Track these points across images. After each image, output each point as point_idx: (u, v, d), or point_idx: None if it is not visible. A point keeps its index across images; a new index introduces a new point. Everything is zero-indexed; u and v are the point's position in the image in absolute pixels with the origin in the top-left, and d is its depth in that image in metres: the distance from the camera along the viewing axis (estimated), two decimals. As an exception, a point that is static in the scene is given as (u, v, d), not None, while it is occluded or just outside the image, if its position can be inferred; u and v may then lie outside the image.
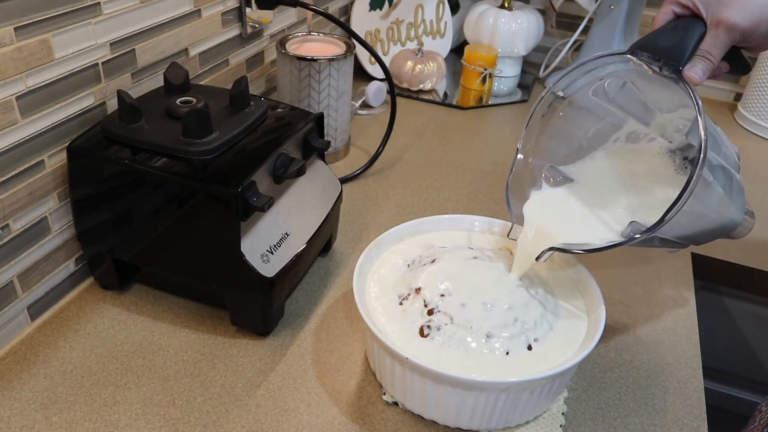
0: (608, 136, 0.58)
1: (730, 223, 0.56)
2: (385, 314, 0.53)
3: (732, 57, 0.53)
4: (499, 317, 0.51)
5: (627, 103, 0.57)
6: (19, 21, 0.51)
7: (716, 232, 0.56)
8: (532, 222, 0.56)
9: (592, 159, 0.59)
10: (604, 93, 0.56)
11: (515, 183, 0.58)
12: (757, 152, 1.05)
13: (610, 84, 0.55)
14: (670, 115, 0.56)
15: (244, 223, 0.54)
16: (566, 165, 0.59)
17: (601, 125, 0.58)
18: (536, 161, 0.58)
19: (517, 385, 0.46)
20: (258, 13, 0.82)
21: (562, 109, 0.57)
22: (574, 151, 0.59)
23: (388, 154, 0.92)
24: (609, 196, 0.56)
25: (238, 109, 0.60)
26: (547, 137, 0.58)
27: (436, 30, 1.23)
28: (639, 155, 0.57)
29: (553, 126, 0.57)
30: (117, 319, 0.61)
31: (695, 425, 0.54)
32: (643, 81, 0.54)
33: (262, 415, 0.52)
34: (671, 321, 0.66)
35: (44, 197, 0.58)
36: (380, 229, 0.68)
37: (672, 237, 0.51)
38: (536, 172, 0.58)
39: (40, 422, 0.50)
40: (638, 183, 0.56)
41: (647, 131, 0.57)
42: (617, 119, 0.58)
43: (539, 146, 0.58)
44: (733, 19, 0.49)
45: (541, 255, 0.53)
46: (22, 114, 0.53)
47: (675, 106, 0.55)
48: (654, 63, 0.49)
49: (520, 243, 0.55)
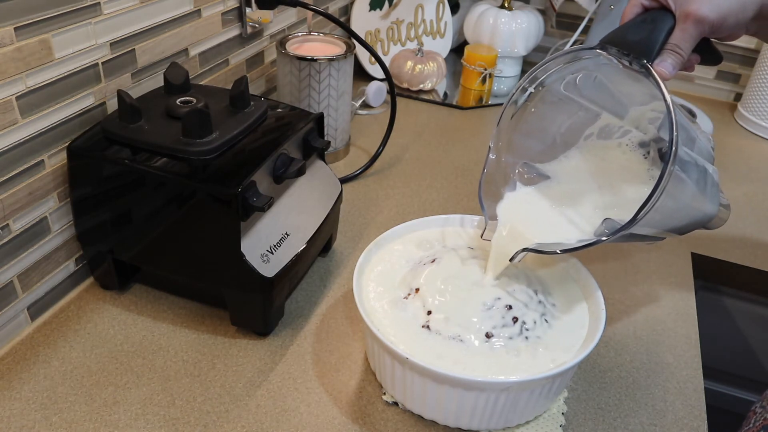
0: (582, 130, 0.58)
1: (704, 217, 0.55)
2: (384, 314, 0.53)
3: (703, 48, 0.52)
4: (499, 317, 0.51)
5: (599, 97, 0.56)
6: (19, 21, 0.51)
7: (691, 225, 0.55)
8: (506, 222, 0.55)
9: (567, 158, 0.58)
10: (575, 88, 0.55)
11: (488, 183, 0.57)
12: (757, 152, 1.05)
13: (581, 78, 0.55)
14: (643, 107, 0.55)
15: (244, 223, 0.54)
16: (540, 162, 0.58)
17: (574, 119, 0.58)
18: (510, 159, 0.58)
19: (517, 385, 0.46)
20: (258, 13, 0.82)
21: (534, 105, 0.56)
22: (548, 147, 0.58)
23: (388, 154, 0.92)
24: (583, 195, 0.56)
25: (238, 109, 0.60)
26: (520, 134, 0.57)
27: (436, 30, 1.23)
28: (612, 152, 0.57)
29: (526, 122, 0.57)
30: (117, 319, 0.61)
31: (695, 425, 0.54)
32: (614, 75, 0.54)
33: (262, 415, 0.52)
34: (671, 321, 0.66)
35: (44, 197, 0.58)
36: (380, 229, 0.68)
37: (647, 233, 0.51)
38: (509, 170, 0.58)
39: (40, 422, 0.50)
40: (612, 181, 0.56)
41: (621, 124, 0.56)
42: (590, 113, 0.57)
43: (512, 144, 0.57)
44: (702, 11, 0.48)
45: (515, 256, 0.52)
46: (22, 114, 0.53)
47: (647, 98, 0.54)
48: (624, 57, 0.49)
49: (494, 243, 0.55)
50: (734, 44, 1.16)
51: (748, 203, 0.89)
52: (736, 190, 0.92)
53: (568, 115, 0.58)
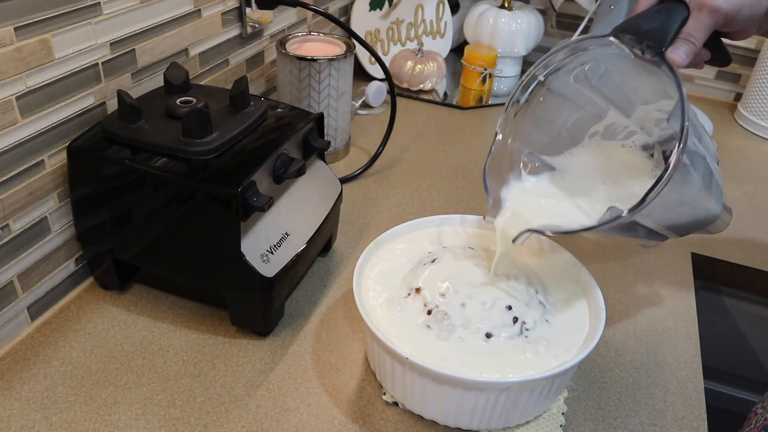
0: (588, 127, 0.58)
1: (709, 215, 0.55)
2: (384, 314, 0.53)
3: (713, 46, 0.53)
4: (499, 317, 0.51)
5: (608, 91, 0.56)
6: (19, 21, 0.51)
7: (695, 223, 0.55)
8: (510, 207, 0.55)
9: (571, 155, 0.58)
10: (585, 79, 0.55)
11: (494, 167, 0.57)
12: (757, 152, 1.05)
13: (590, 69, 0.55)
14: (649, 107, 0.55)
15: (244, 223, 0.54)
16: (545, 154, 0.58)
17: (580, 114, 0.58)
18: (516, 146, 0.57)
19: (517, 385, 0.46)
20: (258, 13, 0.82)
21: (543, 94, 0.56)
22: (553, 141, 0.58)
23: (388, 154, 0.92)
24: (588, 188, 0.56)
25: (238, 109, 0.60)
26: (528, 123, 0.57)
27: (436, 30, 1.23)
28: (617, 150, 0.57)
29: (533, 112, 0.57)
30: (117, 319, 0.61)
31: (695, 425, 0.54)
32: (624, 67, 0.54)
33: (262, 415, 0.52)
34: (671, 321, 0.66)
35: (44, 197, 0.58)
36: (380, 229, 0.68)
37: (650, 224, 0.51)
38: (515, 157, 0.58)
39: (40, 422, 0.50)
40: (617, 177, 0.56)
41: (627, 123, 0.57)
42: (597, 109, 0.57)
43: (519, 131, 0.57)
44: (716, 1, 0.49)
45: (518, 237, 0.52)
46: (22, 114, 0.53)
47: (655, 96, 0.54)
48: (636, 46, 0.49)
49: (498, 225, 0.54)
50: (734, 44, 1.16)
51: (748, 203, 0.89)
52: (736, 190, 0.92)
53: (574, 109, 0.58)
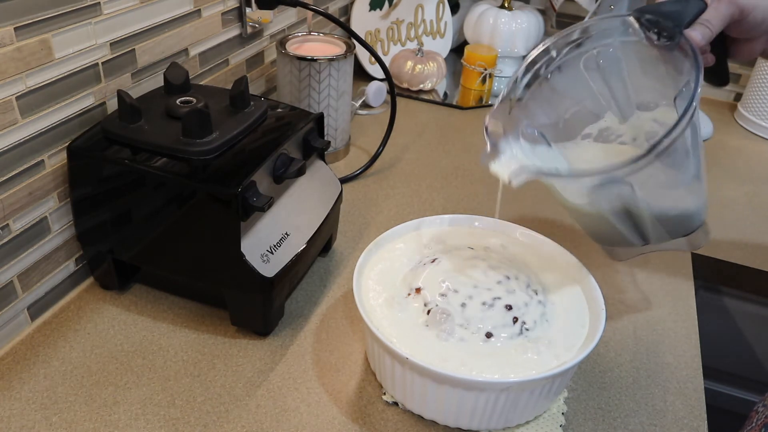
0: (584, 125, 0.59)
1: (695, 217, 0.56)
2: (384, 314, 0.53)
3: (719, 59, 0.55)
4: (499, 317, 0.51)
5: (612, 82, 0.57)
6: (19, 21, 0.51)
7: (679, 220, 0.56)
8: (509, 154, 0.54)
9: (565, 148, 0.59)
10: (595, 67, 0.56)
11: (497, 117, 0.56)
12: (757, 152, 1.05)
13: (601, 55, 0.56)
14: (646, 114, 0.56)
15: (244, 223, 0.54)
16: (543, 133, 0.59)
17: (579, 108, 0.58)
18: (518, 114, 0.58)
19: (517, 385, 0.46)
20: (258, 13, 0.82)
21: (551, 71, 0.57)
22: (551, 126, 0.59)
23: (388, 154, 0.92)
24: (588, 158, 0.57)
25: (238, 109, 0.60)
26: (533, 98, 0.58)
27: (436, 30, 1.23)
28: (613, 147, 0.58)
29: (540, 88, 0.57)
30: (117, 319, 0.61)
31: (695, 425, 0.54)
32: (633, 60, 0.55)
33: (262, 415, 0.52)
34: (671, 321, 0.66)
35: (44, 197, 0.58)
36: (380, 229, 0.68)
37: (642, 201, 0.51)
38: (516, 121, 0.58)
39: (40, 422, 0.50)
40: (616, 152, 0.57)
41: (620, 131, 0.57)
42: (596, 106, 0.58)
43: (523, 103, 0.58)
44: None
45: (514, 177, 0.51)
46: (22, 114, 0.53)
47: (654, 98, 0.55)
48: (653, 27, 0.50)
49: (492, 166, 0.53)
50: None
51: (748, 203, 0.89)
52: (736, 190, 0.92)
53: (576, 99, 0.58)
